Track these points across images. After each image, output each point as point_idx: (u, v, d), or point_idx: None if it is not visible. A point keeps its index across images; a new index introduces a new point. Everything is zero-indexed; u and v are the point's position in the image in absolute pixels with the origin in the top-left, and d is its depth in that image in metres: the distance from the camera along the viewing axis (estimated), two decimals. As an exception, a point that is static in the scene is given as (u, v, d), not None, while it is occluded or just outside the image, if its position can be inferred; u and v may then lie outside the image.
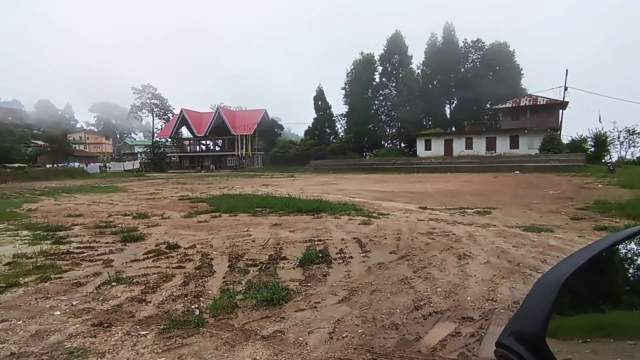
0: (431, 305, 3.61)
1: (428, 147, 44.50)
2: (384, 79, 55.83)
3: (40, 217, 10.06)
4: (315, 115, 57.63)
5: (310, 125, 58.48)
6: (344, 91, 57.02)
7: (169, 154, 69.56)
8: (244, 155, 60.49)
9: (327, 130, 57.74)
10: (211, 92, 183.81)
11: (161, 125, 71.41)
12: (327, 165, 44.78)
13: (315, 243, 6.15)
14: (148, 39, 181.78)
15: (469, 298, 3.77)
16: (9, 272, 4.89)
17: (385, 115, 56.21)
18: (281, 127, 68.26)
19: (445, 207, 10.40)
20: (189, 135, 69.34)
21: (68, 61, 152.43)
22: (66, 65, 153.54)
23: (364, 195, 15.05)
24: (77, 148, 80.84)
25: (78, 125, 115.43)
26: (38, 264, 5.14)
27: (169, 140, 70.46)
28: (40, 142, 67.10)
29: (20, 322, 3.37)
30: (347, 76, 56.40)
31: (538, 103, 41.83)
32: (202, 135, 64.13)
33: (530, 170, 30.39)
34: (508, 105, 43.10)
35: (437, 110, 53.36)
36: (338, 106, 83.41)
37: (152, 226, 8.27)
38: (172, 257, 5.54)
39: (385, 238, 6.51)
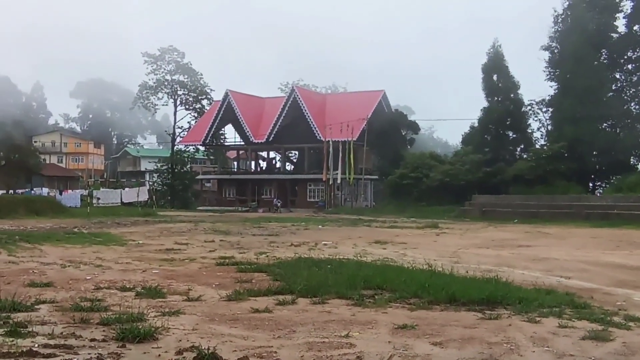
0: None
1: None
2: (636, 28, 53.69)
3: (-13, 284, 11.40)
4: (486, 104, 57.43)
5: (476, 124, 57.91)
6: (547, 54, 56.25)
7: (201, 176, 74.46)
8: (339, 181, 61.90)
9: (510, 133, 56.54)
10: (276, 69, 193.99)
11: (189, 122, 77.48)
12: (508, 206, 44.44)
13: (490, 374, 6.00)
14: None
15: None
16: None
17: (638, 104, 53.46)
18: (415, 128, 68.88)
19: None
20: (238, 140, 73.54)
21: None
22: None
23: (590, 273, 14.58)
24: (48, 161, 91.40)
25: (51, 122, 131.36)
26: (-16, 372, 5.80)
27: (202, 149, 75.72)
28: (-10, 152, 77.37)
29: None
30: (555, 24, 55.64)
31: None
32: (262, 141, 67.47)
33: None
34: None
35: None
36: (531, 85, 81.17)
37: (170, 314, 8.73)
38: (208, 379, 5.79)
39: (647, 375, 6.15)
